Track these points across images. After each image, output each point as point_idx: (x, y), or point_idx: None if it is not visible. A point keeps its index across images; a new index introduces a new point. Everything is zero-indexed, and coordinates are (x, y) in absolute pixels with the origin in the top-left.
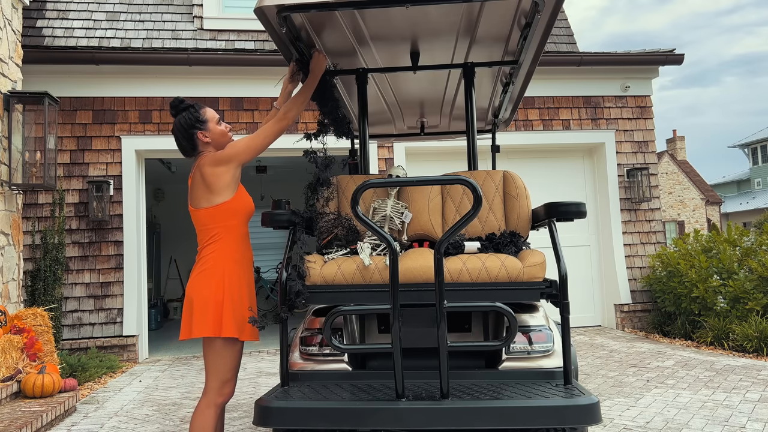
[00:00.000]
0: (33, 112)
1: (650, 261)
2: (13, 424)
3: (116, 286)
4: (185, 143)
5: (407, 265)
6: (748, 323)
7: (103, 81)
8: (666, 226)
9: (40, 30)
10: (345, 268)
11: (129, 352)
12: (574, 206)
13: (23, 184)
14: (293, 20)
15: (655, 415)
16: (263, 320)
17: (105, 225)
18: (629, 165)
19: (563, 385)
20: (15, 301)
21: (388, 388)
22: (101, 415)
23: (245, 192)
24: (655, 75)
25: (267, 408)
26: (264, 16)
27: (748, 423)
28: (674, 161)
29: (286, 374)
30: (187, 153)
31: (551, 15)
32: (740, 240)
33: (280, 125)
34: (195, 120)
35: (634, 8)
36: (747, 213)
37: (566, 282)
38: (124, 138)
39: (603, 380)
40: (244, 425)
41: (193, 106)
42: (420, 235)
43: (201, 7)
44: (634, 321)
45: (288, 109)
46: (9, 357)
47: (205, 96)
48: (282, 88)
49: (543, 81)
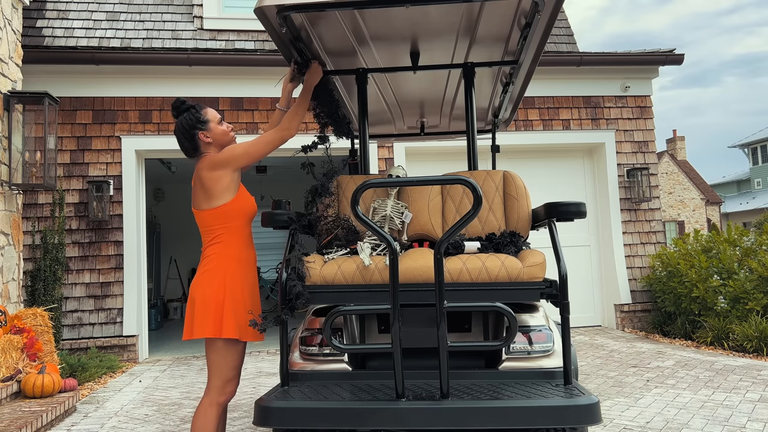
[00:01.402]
0: (33, 112)
1: (650, 261)
2: (13, 424)
3: (116, 286)
4: (187, 144)
5: (407, 265)
6: (748, 323)
7: (103, 81)
8: (666, 226)
9: (40, 30)
10: (345, 268)
11: (129, 352)
12: (574, 206)
13: (23, 184)
14: (293, 20)
15: (655, 415)
16: (264, 323)
17: (105, 225)
18: (629, 165)
19: (563, 385)
20: (15, 301)
21: (388, 388)
22: (101, 415)
23: (246, 193)
24: (655, 75)
25: (267, 408)
26: (264, 16)
27: (748, 423)
28: (674, 161)
29: (286, 374)
30: (190, 153)
31: (551, 15)
32: (740, 240)
33: (282, 135)
34: (196, 120)
35: (634, 8)
36: (747, 213)
37: (566, 282)
38: (124, 138)
39: (603, 380)
40: (244, 425)
41: (194, 106)
42: (420, 235)
43: (201, 7)
44: (634, 321)
45: (290, 119)
46: (9, 357)
47: (205, 96)
48: (282, 88)
49: (543, 81)
